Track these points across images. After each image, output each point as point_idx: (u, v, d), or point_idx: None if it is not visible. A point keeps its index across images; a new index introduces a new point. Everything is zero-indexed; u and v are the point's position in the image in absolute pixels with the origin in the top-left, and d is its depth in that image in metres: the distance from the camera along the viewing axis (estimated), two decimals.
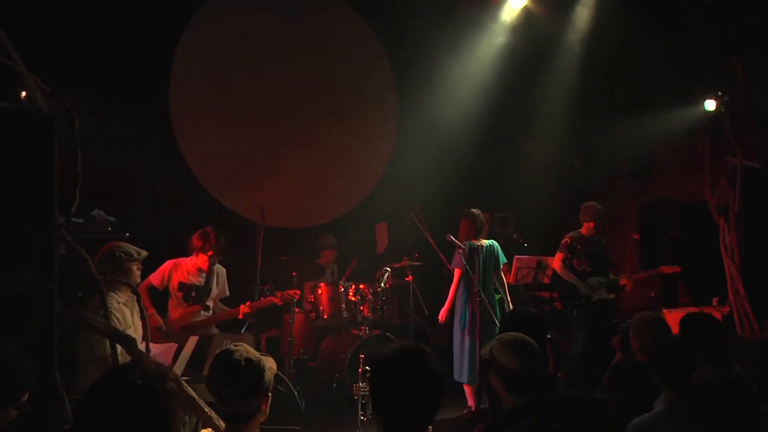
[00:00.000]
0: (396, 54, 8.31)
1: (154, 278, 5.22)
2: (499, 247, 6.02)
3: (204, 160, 7.11)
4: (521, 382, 2.68)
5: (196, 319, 5.28)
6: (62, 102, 2.75)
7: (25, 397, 2.18)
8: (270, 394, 2.37)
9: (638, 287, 7.50)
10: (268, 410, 2.38)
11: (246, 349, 2.35)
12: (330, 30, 7.92)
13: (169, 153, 6.78)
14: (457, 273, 5.83)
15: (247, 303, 5.47)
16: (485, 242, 5.93)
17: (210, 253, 5.23)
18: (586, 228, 6.38)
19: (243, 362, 2.28)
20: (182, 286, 5.27)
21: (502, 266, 6.03)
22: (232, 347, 2.35)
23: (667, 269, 6.41)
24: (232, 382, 2.27)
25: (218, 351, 2.41)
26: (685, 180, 7.72)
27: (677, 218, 7.71)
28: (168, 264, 5.30)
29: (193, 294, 5.30)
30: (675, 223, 7.63)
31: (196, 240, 5.26)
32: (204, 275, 5.34)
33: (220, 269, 5.49)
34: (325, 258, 7.17)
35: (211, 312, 5.40)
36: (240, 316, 5.48)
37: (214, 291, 5.43)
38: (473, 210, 5.97)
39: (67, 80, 3.67)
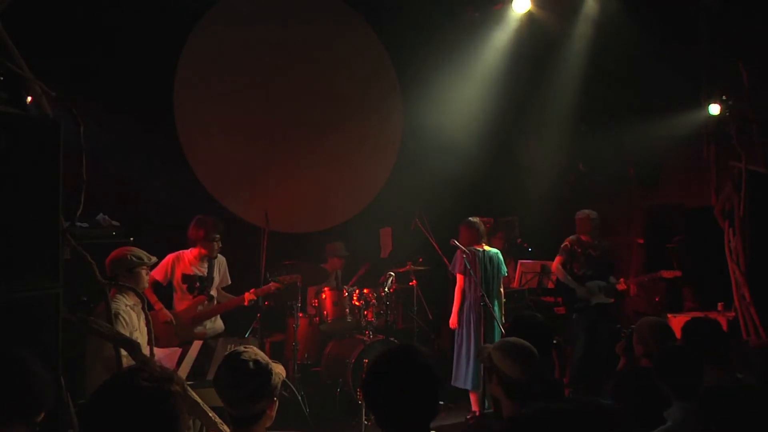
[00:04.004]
0: (400, 59, 8.33)
1: (157, 273, 5.23)
2: (501, 257, 6.02)
3: (209, 166, 7.13)
4: (522, 388, 2.66)
5: (203, 310, 5.34)
6: (68, 107, 2.77)
7: (40, 418, 2.16)
8: (276, 399, 2.38)
9: (642, 292, 7.48)
10: (274, 415, 2.38)
11: (255, 352, 2.36)
12: (335, 36, 7.94)
13: (174, 158, 6.81)
14: (459, 278, 5.84)
15: (251, 290, 5.53)
16: (488, 249, 5.94)
17: (217, 239, 5.33)
18: (583, 235, 6.48)
19: (251, 364, 2.29)
20: (186, 278, 5.33)
21: (502, 278, 6.03)
22: (241, 349, 2.36)
23: (667, 274, 6.41)
24: (239, 383, 2.27)
25: (225, 354, 2.42)
26: (691, 185, 7.70)
27: (682, 223, 7.68)
28: (169, 258, 5.34)
29: (197, 284, 5.35)
30: (680, 228, 7.60)
31: (196, 230, 5.31)
32: (206, 265, 5.39)
33: (220, 258, 5.54)
34: (332, 264, 7.18)
35: (215, 301, 5.45)
36: (246, 303, 5.52)
37: (216, 280, 5.48)
38: (472, 219, 6.01)
39: (72, 88, 3.69)
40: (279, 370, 2.39)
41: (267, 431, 2.39)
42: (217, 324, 5.48)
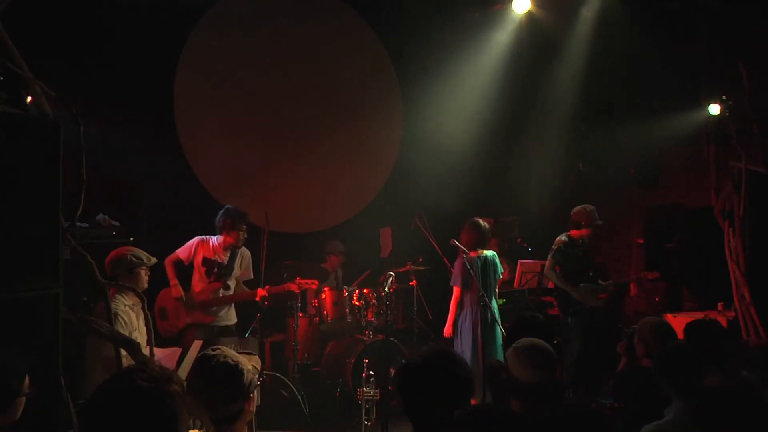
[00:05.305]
0: (400, 59, 8.33)
1: (182, 252, 5.42)
2: (497, 259, 5.92)
3: (209, 166, 7.13)
4: (529, 389, 2.63)
5: (216, 297, 5.43)
6: (68, 107, 2.76)
7: (26, 382, 2.19)
8: (253, 395, 2.38)
9: (642, 292, 7.48)
10: (254, 410, 2.40)
11: (224, 353, 2.33)
12: (335, 36, 7.94)
13: (174, 158, 6.80)
14: (456, 291, 5.73)
15: (266, 287, 5.60)
16: (485, 252, 5.82)
17: (243, 229, 5.42)
18: (578, 232, 6.21)
19: (221, 367, 2.27)
20: (206, 261, 5.42)
21: (498, 279, 5.95)
22: (210, 352, 2.34)
23: (650, 275, 6.36)
24: (211, 387, 2.26)
25: (196, 357, 2.40)
26: (691, 185, 7.69)
27: (683, 223, 7.68)
28: (196, 239, 5.47)
29: (215, 270, 5.43)
30: (680, 228, 7.60)
31: (223, 219, 5.41)
32: (229, 253, 5.47)
33: (245, 251, 5.62)
34: (331, 263, 7.18)
35: (231, 291, 5.52)
36: (257, 299, 5.57)
37: (237, 271, 5.55)
38: (478, 220, 5.80)
39: (72, 88, 3.69)
40: (253, 363, 2.38)
41: (267, 431, 2.39)
42: (229, 314, 5.54)
